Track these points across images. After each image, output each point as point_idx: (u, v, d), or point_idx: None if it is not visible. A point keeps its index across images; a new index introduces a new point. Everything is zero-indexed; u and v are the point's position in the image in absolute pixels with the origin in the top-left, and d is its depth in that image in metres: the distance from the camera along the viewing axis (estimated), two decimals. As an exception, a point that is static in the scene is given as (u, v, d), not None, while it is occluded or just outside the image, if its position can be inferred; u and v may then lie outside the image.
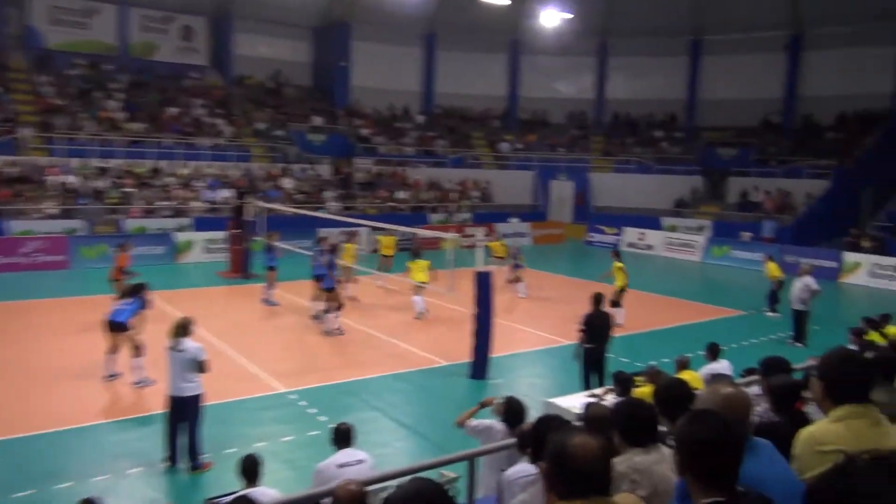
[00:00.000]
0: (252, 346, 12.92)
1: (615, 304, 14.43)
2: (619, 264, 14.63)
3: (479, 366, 11.41)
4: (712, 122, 36.80)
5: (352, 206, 29.23)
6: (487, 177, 34.61)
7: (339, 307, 13.83)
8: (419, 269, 15.46)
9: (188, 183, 26.38)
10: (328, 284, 14.07)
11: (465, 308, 13.87)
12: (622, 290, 14.75)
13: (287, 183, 28.70)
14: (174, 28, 32.16)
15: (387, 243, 19.84)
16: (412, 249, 17.24)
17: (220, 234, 23.42)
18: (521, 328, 15.24)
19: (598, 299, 9.99)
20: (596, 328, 9.76)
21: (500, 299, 17.52)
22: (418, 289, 15.27)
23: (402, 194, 30.85)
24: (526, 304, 18.17)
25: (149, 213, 24.61)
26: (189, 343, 7.64)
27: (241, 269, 20.54)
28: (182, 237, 23.35)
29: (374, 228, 26.47)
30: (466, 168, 35.39)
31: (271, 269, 17.05)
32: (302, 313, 15.69)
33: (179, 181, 26.32)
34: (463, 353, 12.10)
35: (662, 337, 14.28)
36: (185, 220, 24.44)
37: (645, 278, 23.05)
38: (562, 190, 36.46)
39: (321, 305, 14.64)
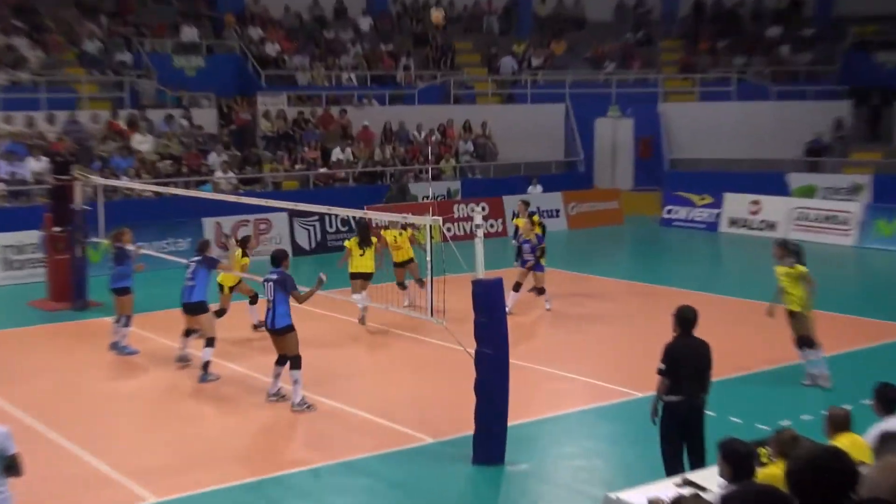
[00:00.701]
0: (97, 428, 12.94)
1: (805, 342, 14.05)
2: (797, 269, 14.03)
3: (490, 443, 11.44)
4: (863, 10, 37.31)
5: (255, 179, 29.39)
6: (485, 117, 35.07)
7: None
8: (367, 256, 17.13)
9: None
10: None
11: (452, 345, 13.98)
12: (799, 315, 14.07)
13: (142, 143, 28.72)
14: None
15: (397, 241, 19.63)
16: (361, 228, 18.50)
17: (29, 237, 23.43)
18: (557, 373, 15.40)
19: (685, 318, 9.94)
20: (685, 368, 9.72)
21: (522, 322, 17.71)
22: (360, 283, 17.29)
23: (340, 153, 31.00)
24: (560, 330, 18.29)
25: None
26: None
27: (69, 293, 20.58)
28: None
29: (295, 213, 26.83)
30: (448, 105, 35.79)
31: (123, 291, 17.11)
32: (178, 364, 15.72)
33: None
34: (461, 420, 12.41)
35: (798, 377, 14.39)
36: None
37: (761, 276, 23.42)
38: (614, 135, 36.78)
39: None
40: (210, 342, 15.15)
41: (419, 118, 33.63)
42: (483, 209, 30.03)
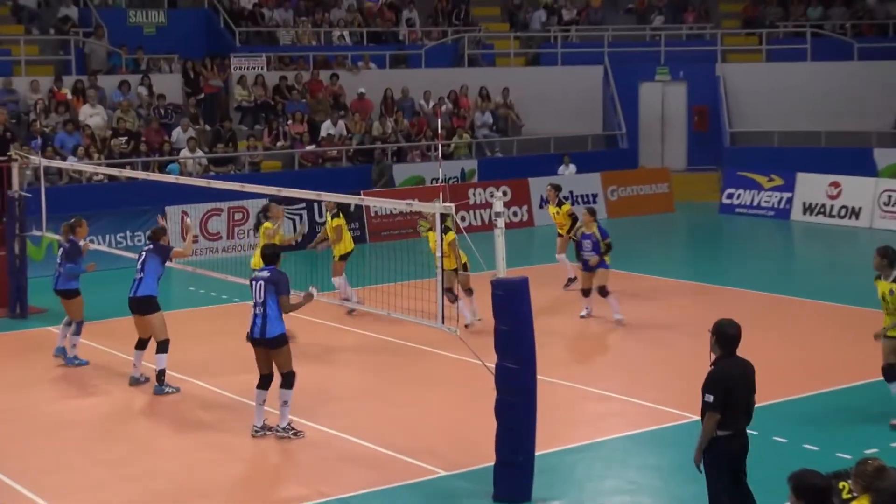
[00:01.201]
0: (40, 461, 12.97)
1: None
2: None
3: (514, 476, 11.44)
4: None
5: (229, 159, 29.45)
6: (507, 82, 35.12)
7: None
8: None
9: None
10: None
11: (468, 358, 13.92)
12: None
13: (92, 116, 28.77)
14: None
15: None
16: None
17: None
18: (594, 391, 15.37)
19: (729, 335, 9.78)
20: (736, 397, 9.59)
21: (552, 329, 17.70)
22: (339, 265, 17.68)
23: (331, 127, 31.04)
24: (599, 339, 18.28)
25: None
26: None
27: (4, 298, 20.63)
28: None
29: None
30: (461, 68, 35.82)
31: (72, 293, 17.19)
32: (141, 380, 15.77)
33: None
34: (479, 449, 12.39)
35: (873, 395, 14.53)
36: None
37: (843, 273, 23.48)
38: (663, 103, 36.76)
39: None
40: (163, 346, 15.24)
41: (426, 84, 33.66)
42: (504, 194, 30.46)
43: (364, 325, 18.85)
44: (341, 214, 20.27)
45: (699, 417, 9.59)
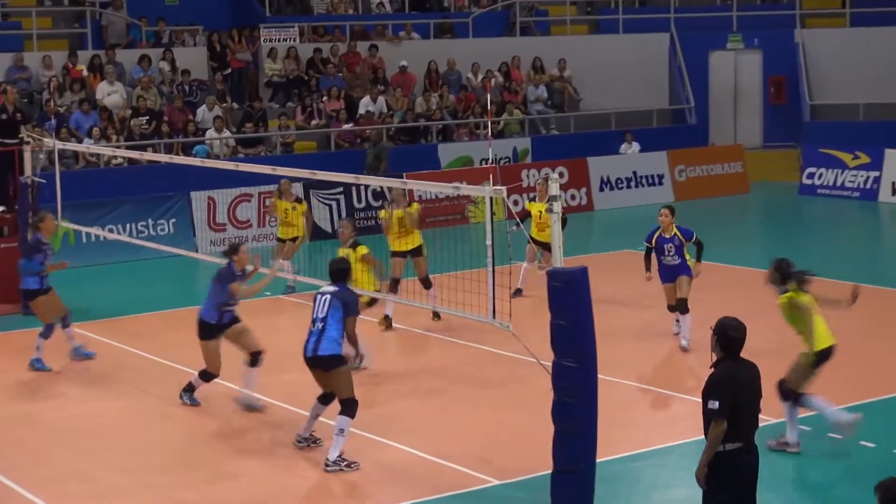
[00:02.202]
0: (52, 470, 13.07)
1: None
2: None
3: (573, 485, 11.44)
4: None
5: (259, 139, 29.59)
6: (563, 52, 35.08)
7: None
8: (360, 267, 16.12)
9: None
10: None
11: (522, 356, 13.89)
12: None
13: (109, 94, 28.99)
14: None
15: (401, 223, 19.86)
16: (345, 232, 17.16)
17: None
18: (662, 391, 15.37)
19: (732, 336, 9.58)
20: (744, 403, 9.30)
21: (614, 325, 17.66)
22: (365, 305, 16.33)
23: (370, 104, 31.09)
24: (667, 335, 18.24)
25: None
26: None
27: (16, 293, 20.71)
28: None
29: (311, 184, 26.70)
30: (513, 37, 35.87)
31: (31, 294, 17.39)
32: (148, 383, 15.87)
33: None
34: (534, 456, 12.40)
35: None
36: None
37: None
38: (736, 74, 36.52)
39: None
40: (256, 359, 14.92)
41: (474, 56, 33.67)
42: (560, 175, 30.44)
43: (404, 318, 18.86)
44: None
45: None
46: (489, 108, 29.67)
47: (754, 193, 32.33)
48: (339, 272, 13.16)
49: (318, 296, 13.06)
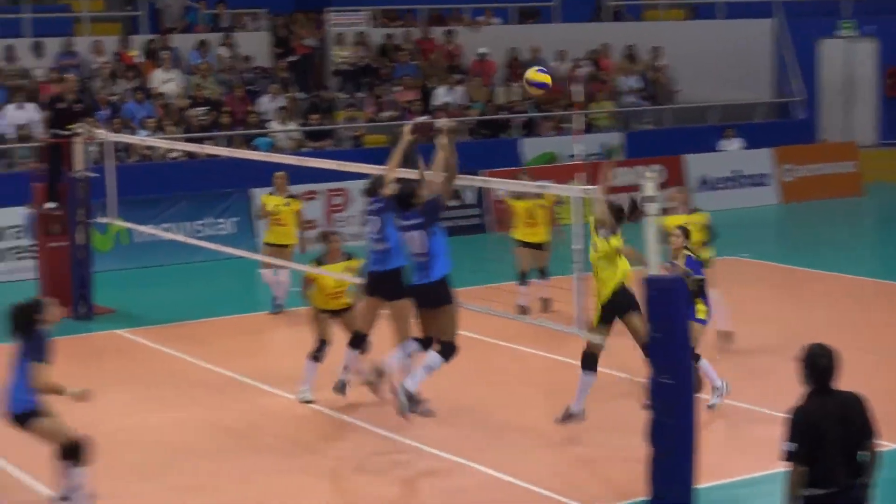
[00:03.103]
0: (105, 485, 13.20)
1: None
2: None
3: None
4: None
5: (326, 132, 29.70)
6: (658, 40, 35.02)
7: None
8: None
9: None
10: None
11: (610, 370, 13.82)
12: None
13: (165, 82, 29.24)
14: None
15: (529, 213, 20.17)
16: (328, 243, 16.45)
17: (12, 216, 24.23)
18: (768, 412, 15.09)
19: (819, 366, 9.27)
20: (829, 443, 8.94)
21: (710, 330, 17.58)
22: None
23: (446, 94, 31.18)
24: (774, 349, 18.08)
25: None
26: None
27: (67, 296, 20.94)
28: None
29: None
30: (603, 23, 35.78)
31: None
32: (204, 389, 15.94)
33: None
34: (626, 480, 12.43)
35: None
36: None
37: None
38: (849, 64, 36.17)
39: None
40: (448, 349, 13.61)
41: (561, 43, 33.63)
42: (656, 173, 30.12)
43: (476, 327, 18.81)
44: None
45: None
46: (577, 100, 29.57)
47: (870, 196, 31.98)
48: (405, 197, 13.55)
49: (401, 232, 13.46)
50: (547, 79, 14.42)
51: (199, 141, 26.26)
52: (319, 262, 16.06)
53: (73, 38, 29.59)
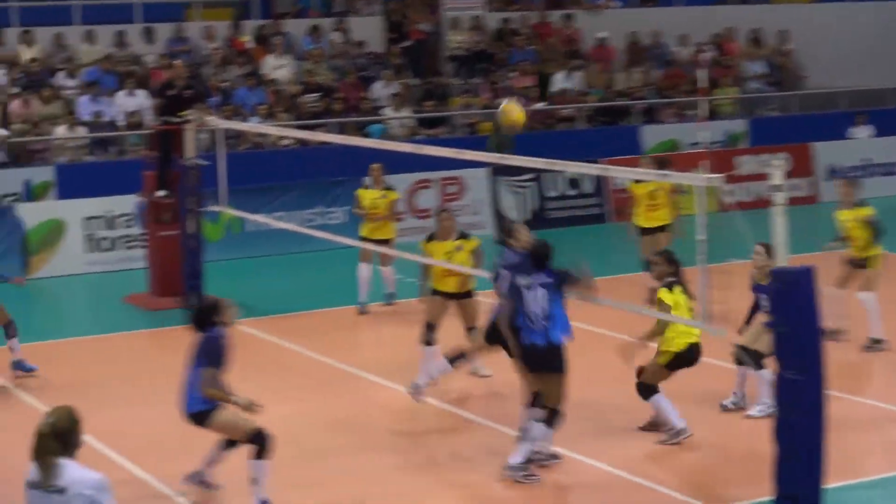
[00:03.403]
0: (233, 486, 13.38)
1: None
2: None
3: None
4: None
5: (440, 119, 29.76)
6: (786, 21, 34.74)
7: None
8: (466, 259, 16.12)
9: (43, 76, 27.75)
10: None
11: (722, 360, 13.75)
12: None
13: (277, 67, 29.49)
14: None
15: (650, 196, 20.24)
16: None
17: (122, 204, 24.64)
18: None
19: None
20: None
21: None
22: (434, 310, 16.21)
23: (564, 80, 31.11)
24: None
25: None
26: (75, 472, 7.89)
27: (177, 286, 21.20)
28: (33, 214, 24.65)
29: (500, 170, 26.74)
30: (728, 4, 35.66)
31: None
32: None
33: (15, 75, 27.66)
34: (750, 479, 12.37)
35: None
36: (35, 173, 25.74)
37: None
38: None
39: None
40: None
41: (683, 26, 33.52)
42: (783, 162, 29.80)
43: (590, 319, 18.73)
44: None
45: None
46: (700, 85, 29.36)
47: None
48: (538, 256, 12.99)
49: (523, 288, 12.88)
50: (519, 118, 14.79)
51: (311, 128, 26.39)
52: (430, 238, 16.28)
53: (184, 23, 29.97)
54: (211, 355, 11.64)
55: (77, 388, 16.09)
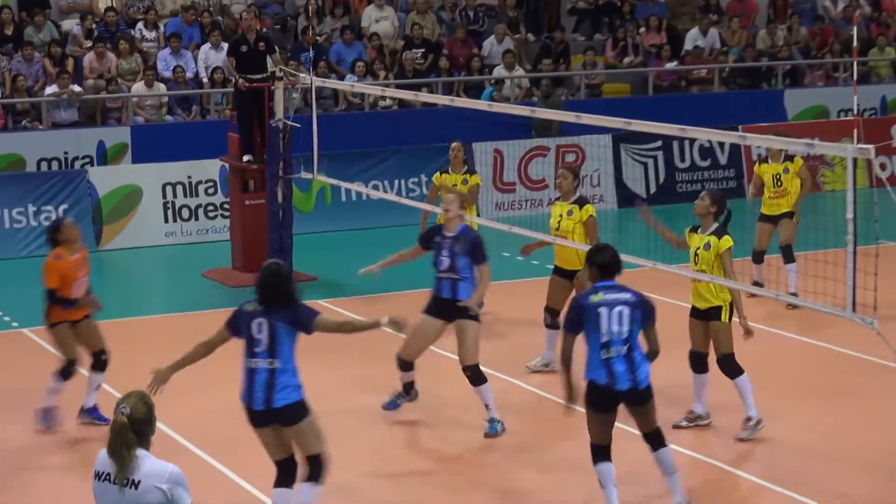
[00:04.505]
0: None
1: None
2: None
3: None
4: None
5: (559, 79, 29.67)
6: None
7: None
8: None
9: (120, 28, 27.93)
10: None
11: (889, 362, 13.56)
12: None
13: (378, 19, 29.43)
14: None
15: (775, 180, 20.07)
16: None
17: (204, 169, 24.83)
18: None
19: None
20: None
21: None
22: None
23: (699, 37, 30.82)
24: None
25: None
26: (150, 464, 7.96)
27: (264, 260, 21.06)
28: (106, 179, 24.82)
29: (623, 137, 26.53)
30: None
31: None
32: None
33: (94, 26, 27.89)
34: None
35: None
36: (109, 134, 25.96)
37: None
38: None
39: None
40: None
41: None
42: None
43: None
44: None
45: None
46: (853, 44, 28.95)
47: None
48: (606, 266, 11.95)
49: (604, 307, 11.68)
50: None
51: (415, 88, 26.36)
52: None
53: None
54: (305, 321, 11.17)
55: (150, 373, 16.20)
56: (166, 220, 24.56)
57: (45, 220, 22.99)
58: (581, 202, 16.07)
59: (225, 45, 26.82)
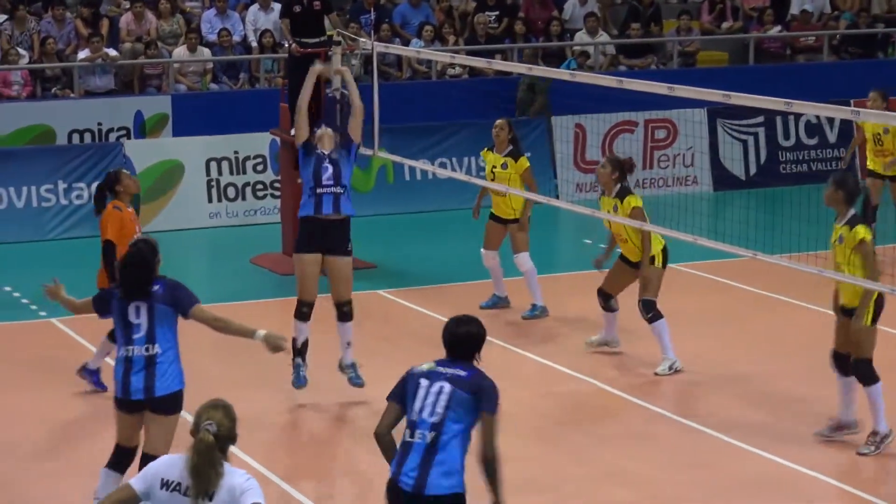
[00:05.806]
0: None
1: None
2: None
3: None
4: None
5: (647, 47, 29.66)
6: None
7: None
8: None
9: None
10: None
11: None
12: None
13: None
14: None
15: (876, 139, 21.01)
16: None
17: (253, 143, 25.00)
18: None
19: None
20: None
21: None
22: None
23: (807, 2, 30.69)
24: None
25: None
26: (232, 481, 8.08)
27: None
28: (144, 153, 24.96)
29: (720, 111, 26.45)
30: None
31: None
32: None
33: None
34: None
35: None
36: (148, 104, 26.14)
37: None
38: None
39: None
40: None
41: None
42: None
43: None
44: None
45: None
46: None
47: None
48: None
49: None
50: None
51: (488, 54, 26.39)
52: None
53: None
54: None
55: (196, 370, 16.28)
56: (210, 200, 24.74)
57: (76, 199, 23.29)
58: (623, 194, 16.33)
59: (276, 6, 26.93)
